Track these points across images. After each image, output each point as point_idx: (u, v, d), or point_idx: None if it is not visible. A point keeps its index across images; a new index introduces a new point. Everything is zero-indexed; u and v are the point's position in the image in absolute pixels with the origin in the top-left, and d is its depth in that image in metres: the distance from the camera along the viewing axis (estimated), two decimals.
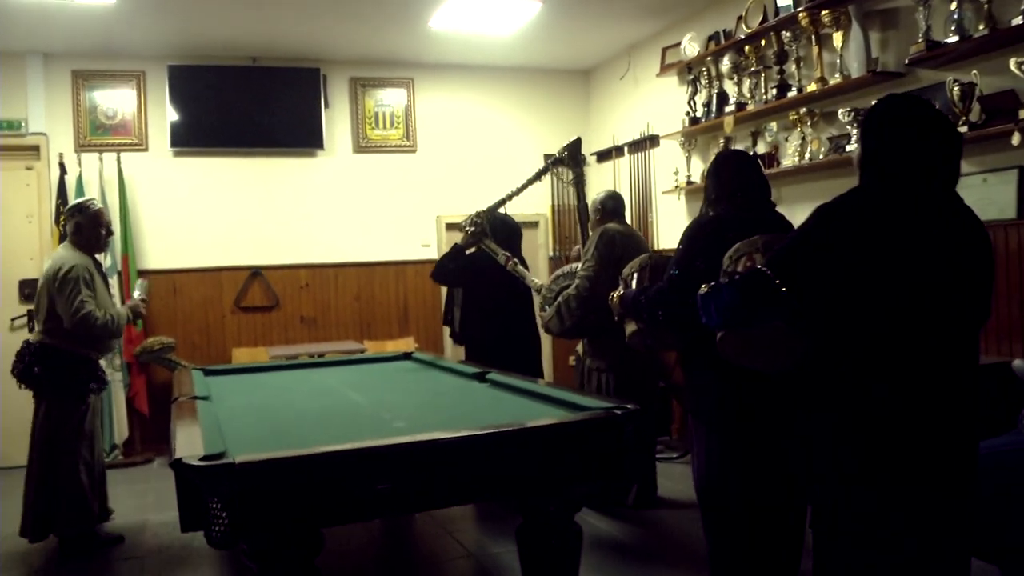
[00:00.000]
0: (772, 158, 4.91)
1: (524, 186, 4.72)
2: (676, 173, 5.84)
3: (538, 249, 7.19)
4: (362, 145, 6.80)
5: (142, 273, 6.21)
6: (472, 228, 4.63)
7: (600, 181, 7.13)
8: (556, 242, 7.21)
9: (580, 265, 4.12)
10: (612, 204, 4.39)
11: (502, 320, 4.63)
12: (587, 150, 7.25)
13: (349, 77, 6.78)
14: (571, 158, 4.65)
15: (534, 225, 7.18)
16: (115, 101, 6.25)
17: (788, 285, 1.88)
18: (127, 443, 6.02)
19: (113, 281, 5.99)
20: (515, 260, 4.55)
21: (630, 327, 2.95)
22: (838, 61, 4.29)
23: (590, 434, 2.41)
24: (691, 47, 5.58)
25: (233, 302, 6.53)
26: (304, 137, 6.57)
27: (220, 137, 6.40)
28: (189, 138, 6.33)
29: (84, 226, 4.10)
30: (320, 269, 6.73)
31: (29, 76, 6.05)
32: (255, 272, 6.56)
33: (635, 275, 2.99)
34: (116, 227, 6.00)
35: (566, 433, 2.39)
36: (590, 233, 4.40)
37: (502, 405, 2.96)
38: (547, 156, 4.74)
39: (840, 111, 4.31)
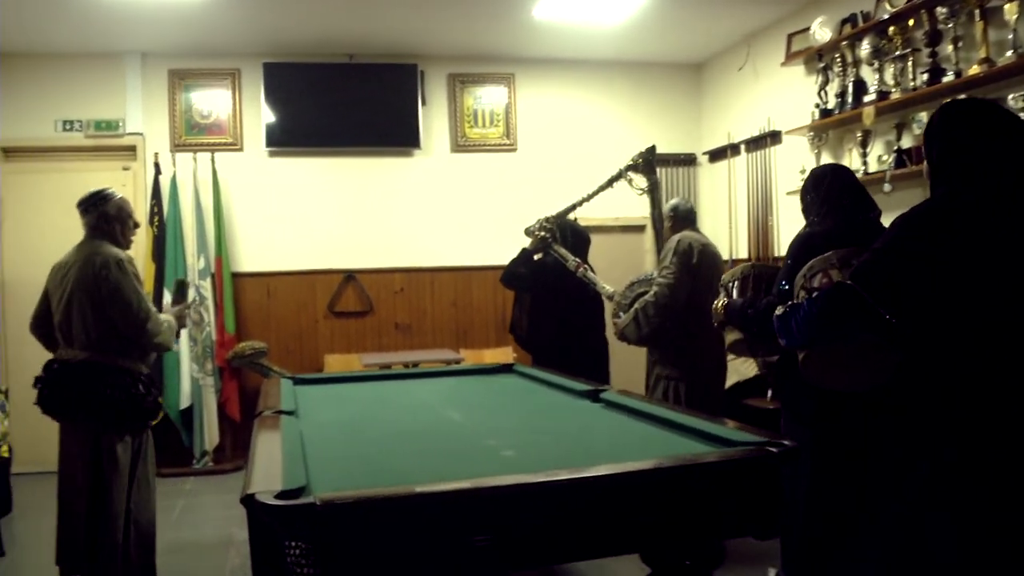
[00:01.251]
0: (921, 153, 4.32)
1: (595, 193, 4.61)
2: (802, 171, 5.29)
3: (644, 255, 6.70)
4: (460, 144, 6.49)
5: (237, 277, 6.07)
6: (541, 233, 4.60)
7: (714, 182, 6.63)
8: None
9: (657, 272, 3.98)
10: (685, 210, 4.24)
11: (571, 327, 4.53)
12: (699, 148, 6.80)
13: (447, 73, 6.48)
14: (645, 166, 4.48)
15: (639, 230, 6.71)
16: (210, 100, 6.13)
17: (878, 297, 1.93)
18: (217, 449, 5.86)
19: (206, 284, 5.86)
20: (586, 266, 4.47)
21: (731, 336, 3.04)
22: (1010, 37, 3.71)
23: (744, 475, 1.96)
24: (822, 32, 5.03)
25: (326, 307, 6.31)
26: (400, 136, 6.30)
27: (315, 136, 6.20)
28: (284, 137, 6.15)
29: (112, 217, 3.28)
30: (416, 273, 6.44)
31: (127, 76, 5.98)
32: (349, 276, 6.33)
33: (736, 283, 3.04)
34: (209, 228, 5.89)
35: (715, 473, 1.95)
36: (664, 241, 4.26)
37: (625, 433, 2.54)
38: (630, 162, 4.58)
39: (1010, 97, 3.73)
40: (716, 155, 6.57)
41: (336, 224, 6.30)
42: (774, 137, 5.74)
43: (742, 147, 6.15)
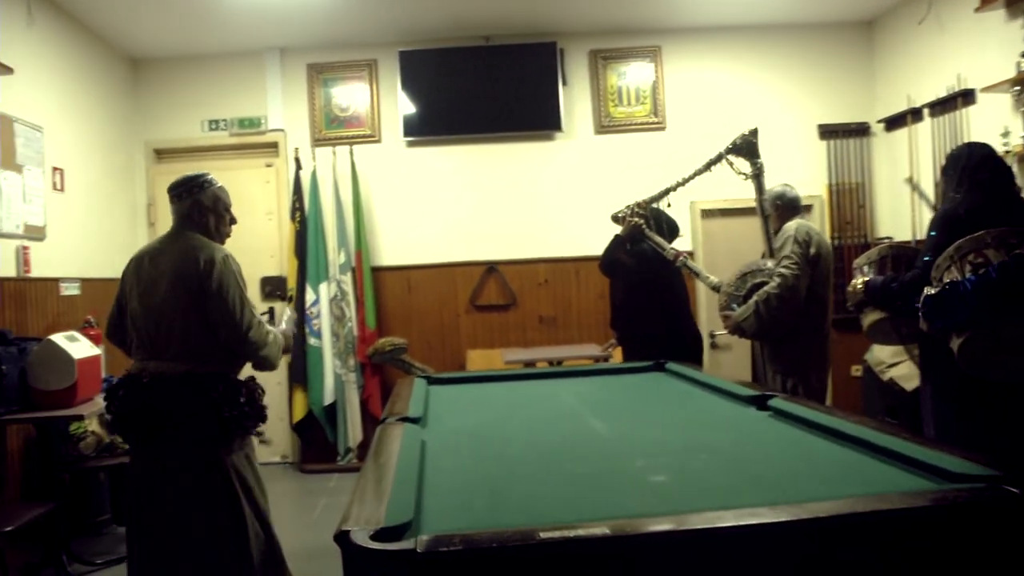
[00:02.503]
0: None
1: (690, 177, 4.27)
2: (1005, 135, 4.52)
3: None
4: (604, 124, 6.08)
5: (377, 271, 5.95)
6: (634, 219, 4.34)
7: (892, 153, 5.89)
8: (835, 229, 6.04)
9: (775, 262, 3.80)
10: (791, 199, 4.01)
11: (666, 319, 4.35)
12: (872, 116, 6.07)
13: (588, 50, 6.09)
14: (747, 148, 4.16)
15: (804, 210, 6.04)
16: (348, 92, 6.03)
17: None
18: (361, 446, 5.77)
19: (347, 278, 5.77)
20: (685, 255, 4.29)
21: (870, 317, 3.12)
22: None
23: (974, 523, 1.48)
24: None
25: (468, 300, 6.08)
26: (541, 119, 5.97)
27: (453, 124, 5.98)
28: (421, 127, 5.96)
29: (206, 208, 2.83)
30: (560, 264, 6.10)
31: (267, 73, 5.98)
32: (491, 268, 6.08)
33: (874, 265, 3.13)
34: (349, 222, 5.79)
35: (934, 523, 1.48)
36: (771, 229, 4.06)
37: (805, 454, 2.07)
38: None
39: None
40: (893, 123, 5.83)
41: (476, 214, 6.06)
42: (966, 97, 4.97)
43: (925, 112, 5.39)
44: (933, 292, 2.09)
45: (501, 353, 5.52)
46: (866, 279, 3.09)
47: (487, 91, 5.94)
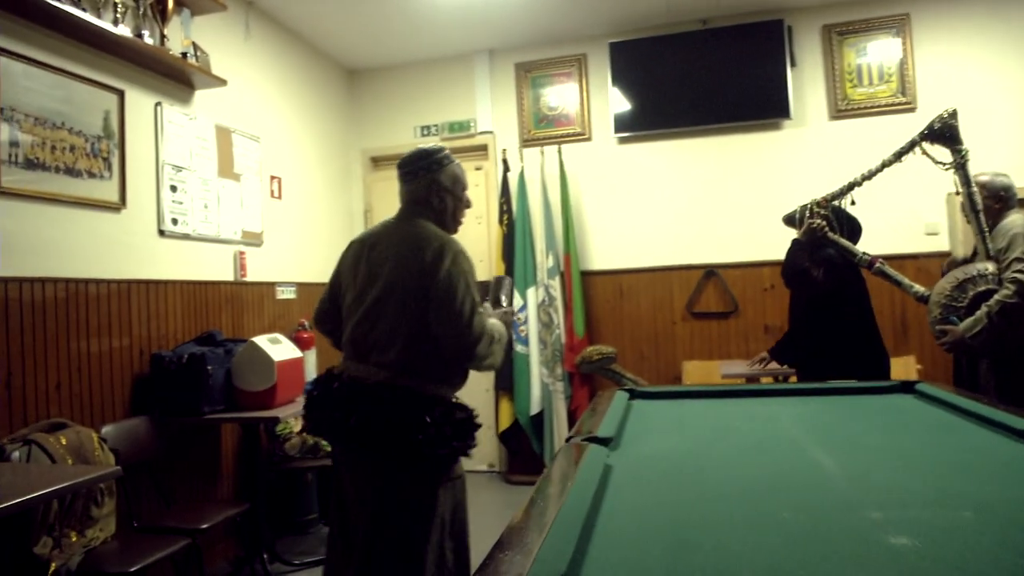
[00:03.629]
0: None
1: (877, 170, 3.76)
2: None
3: None
4: (841, 109, 5.38)
5: (586, 275, 5.67)
6: (815, 221, 3.79)
7: None
8: None
9: (999, 266, 3.40)
10: (1011, 188, 3.56)
11: (855, 339, 3.75)
12: None
13: (821, 25, 5.42)
14: (946, 133, 3.64)
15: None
16: (557, 90, 5.81)
17: None
18: None
19: (555, 283, 5.53)
20: (881, 260, 3.79)
21: None
22: None
23: None
24: None
25: (684, 307, 5.63)
26: (765, 106, 5.40)
27: (667, 117, 5.56)
28: (633, 122, 5.60)
29: (444, 188, 2.49)
30: None
31: (476, 75, 5.90)
32: (709, 272, 5.58)
33: None
34: (558, 224, 5.54)
35: None
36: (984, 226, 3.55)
37: None
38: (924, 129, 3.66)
39: None
40: None
41: (693, 213, 5.59)
42: None
43: None
44: None
45: (719, 366, 5.01)
46: None
47: (705, 80, 5.46)
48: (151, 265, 3.88)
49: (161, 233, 3.97)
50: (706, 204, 5.55)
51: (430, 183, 2.47)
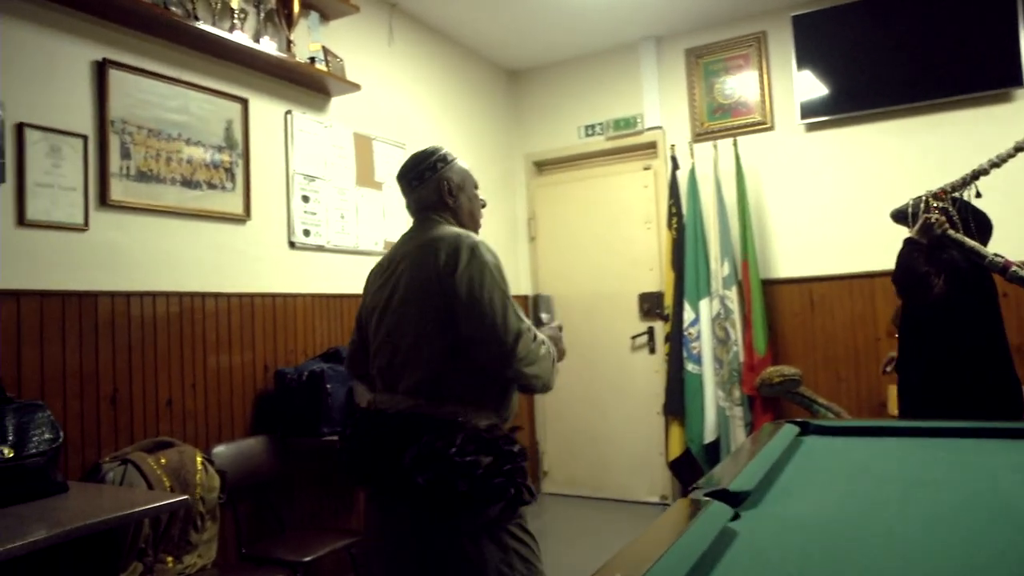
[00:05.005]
0: None
1: (1007, 155, 3.02)
2: None
3: None
4: None
5: (768, 284, 4.95)
6: (933, 216, 3.08)
7: None
8: None
9: None
10: None
11: (986, 360, 3.01)
12: None
13: None
14: None
15: None
16: (733, 76, 5.14)
17: None
18: None
19: (731, 293, 4.86)
20: (1017, 263, 2.96)
21: None
22: None
23: None
24: None
25: (891, 321, 4.72)
26: (989, 75, 4.41)
27: (863, 97, 4.72)
28: (823, 105, 4.82)
29: (456, 187, 2.21)
30: None
31: (642, 65, 5.37)
32: None
33: None
34: (733, 227, 4.89)
35: None
36: None
37: None
38: None
39: None
40: None
41: None
42: None
43: None
44: None
45: None
46: None
47: (908, 50, 4.58)
48: (279, 278, 3.75)
49: (291, 245, 3.84)
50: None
51: (439, 183, 2.19)
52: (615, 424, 5.48)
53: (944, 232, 3.06)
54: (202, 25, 3.25)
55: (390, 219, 4.43)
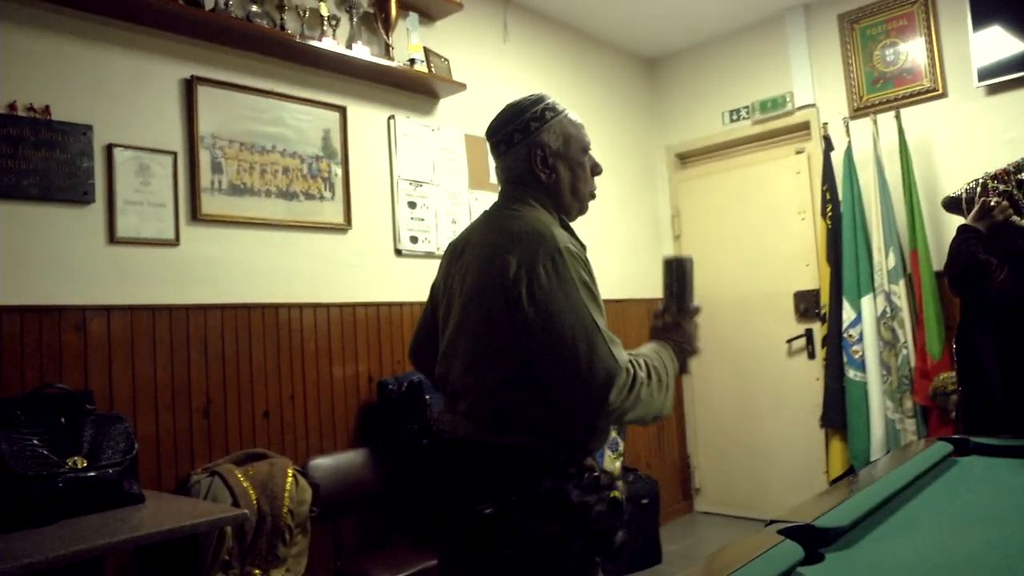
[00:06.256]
0: None
1: None
2: None
3: None
4: None
5: (943, 277, 4.26)
6: (994, 199, 2.70)
7: None
8: None
9: None
10: None
11: None
12: None
13: None
14: None
15: None
16: (895, 40, 4.49)
17: None
18: None
19: (899, 288, 4.25)
20: None
21: None
22: None
23: None
24: None
25: None
26: None
27: None
28: (1005, 64, 4.09)
29: (554, 153, 1.72)
30: None
31: (789, 39, 4.85)
32: None
33: None
34: (899, 213, 4.28)
35: None
36: None
37: None
38: None
39: None
40: None
41: None
42: None
43: None
44: None
45: None
46: None
47: None
48: (384, 286, 3.68)
49: (398, 252, 3.76)
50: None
51: (530, 149, 1.70)
52: (773, 437, 4.97)
53: (1007, 218, 2.57)
54: (290, 35, 3.25)
55: None
